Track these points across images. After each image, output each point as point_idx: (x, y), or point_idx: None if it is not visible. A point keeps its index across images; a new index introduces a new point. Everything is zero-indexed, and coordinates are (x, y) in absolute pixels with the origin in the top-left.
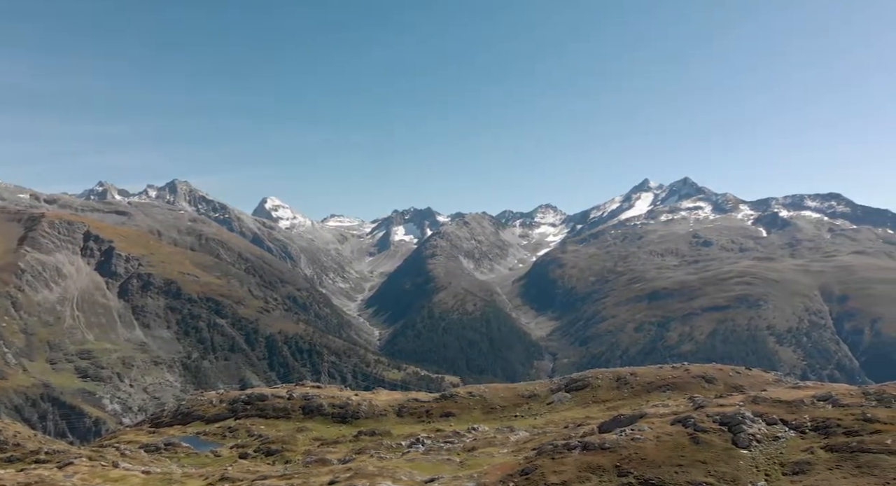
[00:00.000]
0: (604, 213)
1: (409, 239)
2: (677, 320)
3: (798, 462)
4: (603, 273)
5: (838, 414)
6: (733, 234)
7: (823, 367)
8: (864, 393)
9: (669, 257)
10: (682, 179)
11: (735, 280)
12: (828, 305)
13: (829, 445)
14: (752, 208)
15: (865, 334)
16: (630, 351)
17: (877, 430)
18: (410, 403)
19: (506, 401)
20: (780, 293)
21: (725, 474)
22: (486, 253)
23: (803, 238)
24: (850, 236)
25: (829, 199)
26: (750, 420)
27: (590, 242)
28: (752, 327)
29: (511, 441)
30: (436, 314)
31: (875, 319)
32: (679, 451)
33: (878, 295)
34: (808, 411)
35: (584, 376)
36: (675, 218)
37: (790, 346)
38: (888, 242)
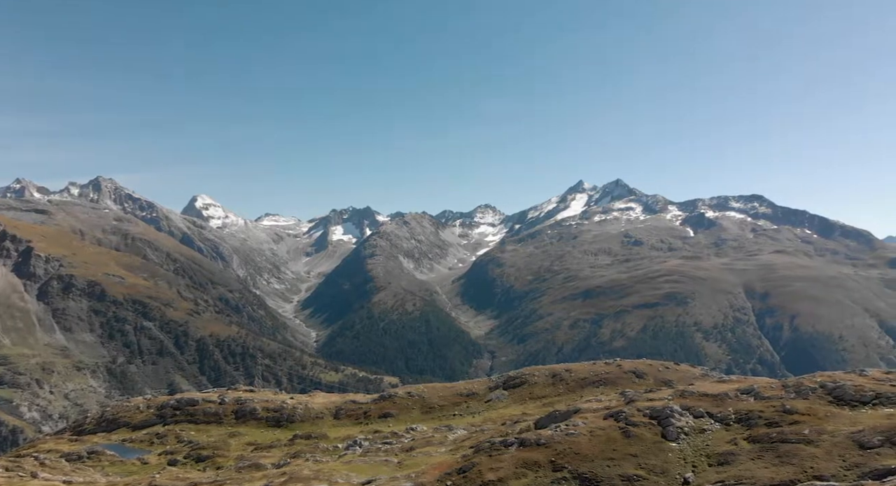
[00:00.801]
0: (541, 213)
1: (348, 239)
2: (610, 317)
3: (723, 454)
4: (540, 272)
5: (760, 406)
6: (662, 234)
7: (747, 361)
8: (783, 386)
9: (603, 257)
10: (614, 180)
11: (664, 279)
12: (750, 301)
13: (751, 436)
14: (680, 209)
15: (785, 330)
16: (565, 348)
17: (795, 421)
18: (348, 405)
19: (445, 400)
20: (706, 291)
21: (655, 466)
22: (426, 253)
23: (728, 238)
24: (772, 236)
25: (752, 200)
26: (678, 414)
27: (528, 241)
28: (680, 324)
29: (449, 440)
30: (375, 315)
31: (794, 315)
32: (611, 445)
33: (797, 292)
34: (732, 404)
35: (522, 374)
36: (608, 218)
37: (716, 341)
38: (806, 241)
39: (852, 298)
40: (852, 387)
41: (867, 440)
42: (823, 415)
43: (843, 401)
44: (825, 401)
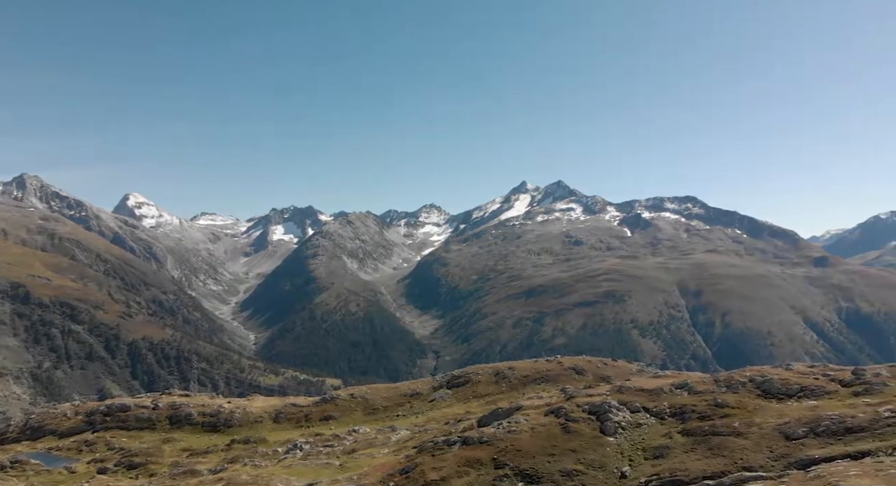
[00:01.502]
0: (485, 213)
1: (289, 239)
2: (551, 316)
3: (658, 447)
4: (485, 272)
5: (693, 401)
6: (601, 234)
7: (681, 357)
8: (715, 381)
9: (545, 256)
10: (556, 181)
11: (603, 277)
12: (684, 299)
13: (685, 429)
14: (618, 210)
15: (717, 326)
16: (509, 346)
17: (726, 414)
18: (288, 408)
19: (388, 401)
20: (642, 289)
21: (594, 461)
22: (370, 253)
23: (663, 238)
24: (704, 236)
25: (686, 201)
26: (616, 409)
27: (472, 241)
28: (617, 321)
29: (392, 441)
30: (317, 316)
31: (725, 312)
32: (552, 441)
33: (728, 290)
34: (667, 398)
35: (466, 373)
36: (550, 219)
37: (651, 338)
38: (736, 241)
39: (779, 295)
40: (779, 381)
41: (793, 432)
42: (752, 408)
43: (771, 394)
44: (754, 394)
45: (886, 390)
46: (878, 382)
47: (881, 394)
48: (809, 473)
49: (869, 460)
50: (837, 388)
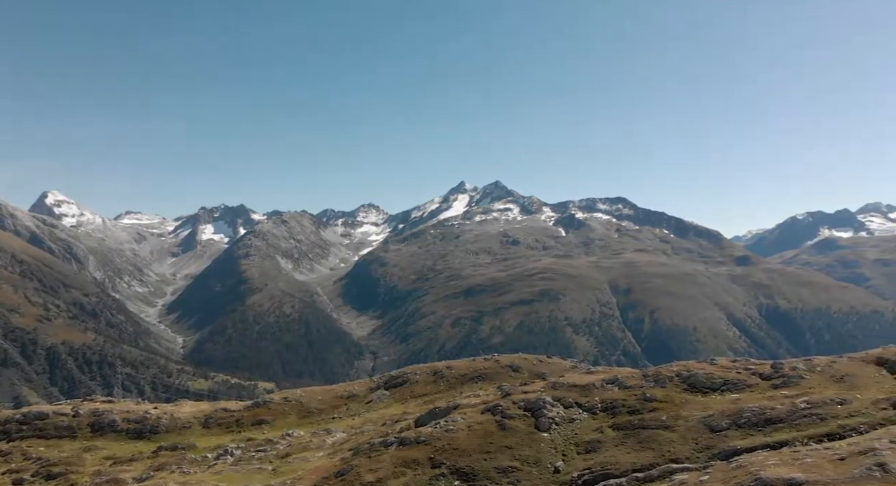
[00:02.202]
0: (424, 213)
1: (220, 238)
2: (489, 314)
3: (590, 441)
4: (423, 271)
5: (623, 395)
6: (537, 234)
7: (612, 353)
8: (644, 376)
9: (483, 256)
10: (493, 182)
11: (539, 276)
12: (615, 297)
13: (615, 424)
14: (553, 210)
15: (646, 323)
16: (447, 346)
17: (654, 408)
18: (218, 413)
19: (324, 404)
20: (576, 288)
21: (529, 457)
22: (305, 253)
23: (596, 237)
24: (634, 236)
25: (617, 202)
26: (550, 405)
27: (411, 241)
28: (552, 319)
29: (328, 444)
30: (249, 318)
31: (653, 309)
32: (488, 438)
33: (656, 288)
34: (598, 393)
35: (404, 373)
36: (488, 219)
37: (584, 335)
38: (664, 241)
39: (704, 292)
40: (704, 375)
41: (716, 424)
42: (679, 402)
43: (696, 388)
44: (681, 388)
45: (803, 382)
46: (795, 375)
47: (798, 386)
48: (732, 463)
49: (787, 449)
50: (758, 381)
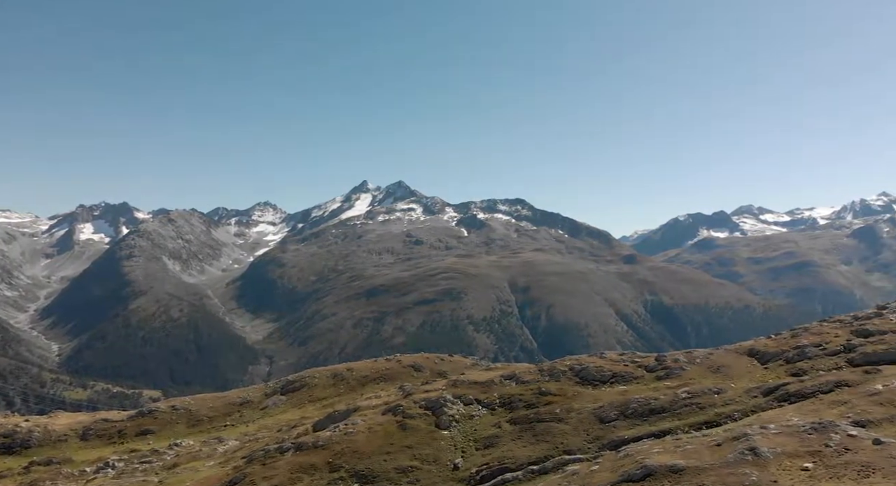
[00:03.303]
0: (325, 212)
1: (100, 238)
2: (392, 315)
3: (489, 437)
4: (324, 272)
5: (520, 390)
6: (440, 233)
7: (510, 349)
8: (539, 370)
9: (386, 256)
10: (397, 182)
11: (441, 276)
12: (514, 295)
13: (513, 418)
14: (455, 211)
15: (542, 319)
16: (349, 347)
17: (549, 401)
18: (99, 424)
19: (215, 411)
20: (477, 286)
21: (428, 455)
22: (195, 253)
23: (496, 238)
24: (532, 236)
25: (516, 203)
26: (450, 402)
27: (311, 241)
28: (454, 318)
29: (219, 452)
30: (133, 323)
31: (549, 306)
32: (389, 439)
33: (552, 286)
34: (497, 389)
35: (302, 377)
36: (391, 218)
37: (485, 332)
38: (559, 241)
39: (595, 290)
40: (594, 368)
41: (606, 415)
42: (572, 394)
43: (588, 381)
44: (573, 382)
45: (684, 374)
46: (676, 367)
47: (679, 378)
48: (620, 453)
49: (669, 437)
50: (644, 373)
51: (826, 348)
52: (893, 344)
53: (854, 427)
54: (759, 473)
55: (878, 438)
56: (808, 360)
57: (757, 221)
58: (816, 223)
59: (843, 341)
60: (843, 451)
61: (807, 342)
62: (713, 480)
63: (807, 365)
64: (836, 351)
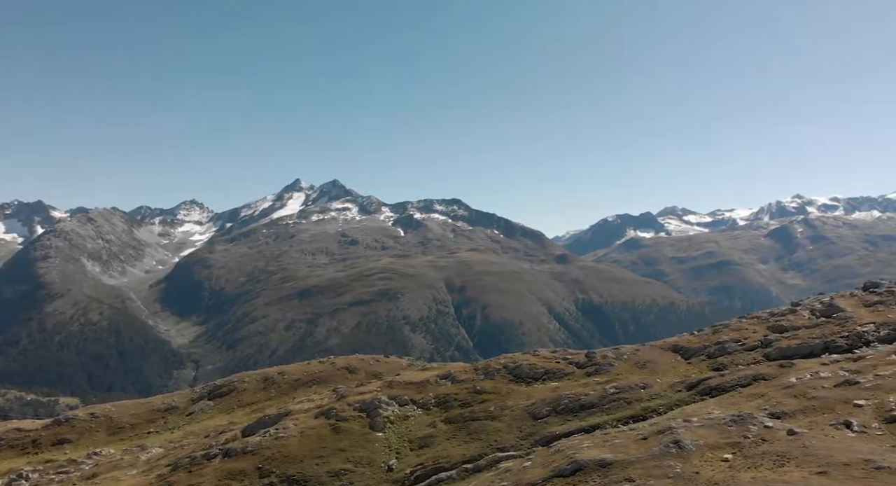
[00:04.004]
0: (255, 211)
1: (12, 238)
2: (326, 316)
3: (424, 437)
4: (254, 273)
5: (456, 389)
6: (376, 233)
7: (446, 349)
8: (475, 369)
9: (320, 256)
10: (331, 181)
11: (378, 276)
12: (451, 295)
13: (448, 418)
14: (392, 211)
15: (478, 319)
16: (280, 350)
17: (484, 400)
18: (10, 433)
19: (138, 418)
20: (414, 286)
21: (362, 458)
22: (116, 254)
23: (433, 237)
24: (468, 236)
25: (452, 204)
26: (385, 404)
27: (241, 241)
28: (391, 318)
29: (142, 461)
30: (48, 327)
31: (485, 305)
32: (321, 443)
33: (487, 285)
34: (433, 389)
35: (230, 381)
36: (326, 218)
37: (421, 332)
38: (494, 241)
39: (529, 289)
40: (528, 366)
41: (538, 412)
42: (506, 392)
43: (521, 379)
44: (508, 380)
45: (612, 369)
46: (605, 363)
47: (608, 374)
48: (551, 448)
49: (599, 432)
50: (574, 370)
51: (745, 343)
52: (806, 339)
53: (770, 419)
54: (683, 465)
55: (792, 428)
56: (728, 355)
57: (681, 222)
58: (736, 224)
59: (760, 336)
60: (760, 442)
61: (727, 338)
62: (639, 473)
63: (727, 360)
64: (753, 346)
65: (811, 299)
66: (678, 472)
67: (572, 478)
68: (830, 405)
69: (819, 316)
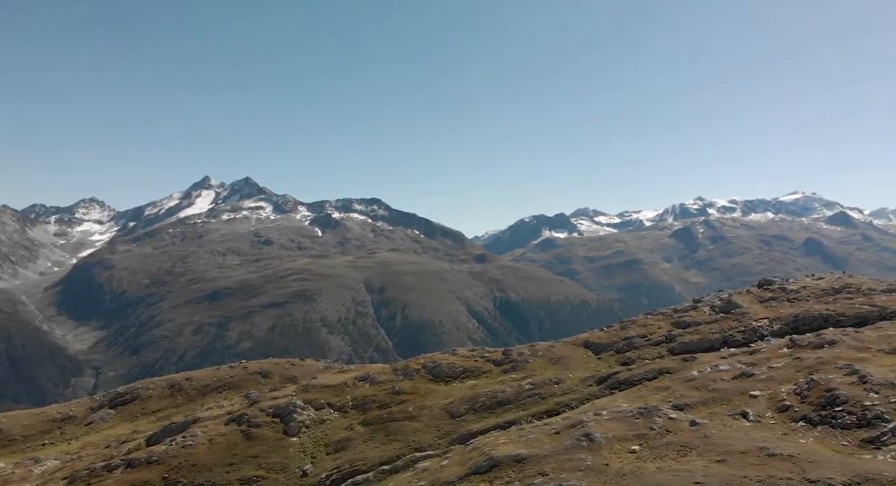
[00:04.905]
0: (161, 210)
1: None
2: (238, 319)
3: (340, 440)
4: (160, 275)
5: (374, 391)
6: (292, 233)
7: (365, 350)
8: (394, 370)
9: (231, 257)
10: (243, 178)
11: (294, 277)
12: (370, 295)
13: (365, 420)
14: (309, 210)
15: (398, 319)
16: (188, 355)
17: (403, 400)
18: None
19: (31, 429)
20: (332, 287)
21: (276, 464)
22: (7, 255)
23: (352, 237)
24: (388, 236)
25: (372, 203)
26: (301, 408)
27: (145, 241)
28: (307, 320)
29: (36, 475)
30: None
31: (405, 305)
32: (232, 450)
33: (407, 285)
34: (350, 391)
35: (134, 388)
36: (238, 217)
37: (339, 334)
38: (415, 241)
39: (449, 288)
40: (447, 365)
41: (456, 410)
42: (425, 392)
43: (440, 378)
44: (427, 379)
45: (528, 366)
46: (521, 360)
47: (524, 370)
48: (468, 446)
49: (514, 428)
50: (492, 368)
51: (651, 338)
52: (706, 334)
53: (674, 411)
54: (593, 457)
55: (695, 419)
56: (635, 350)
57: (592, 223)
58: (643, 225)
59: (665, 332)
60: (665, 433)
61: (634, 334)
62: (552, 467)
63: (634, 355)
64: (659, 341)
65: (711, 296)
66: (589, 465)
67: (488, 475)
68: (729, 397)
69: (718, 312)
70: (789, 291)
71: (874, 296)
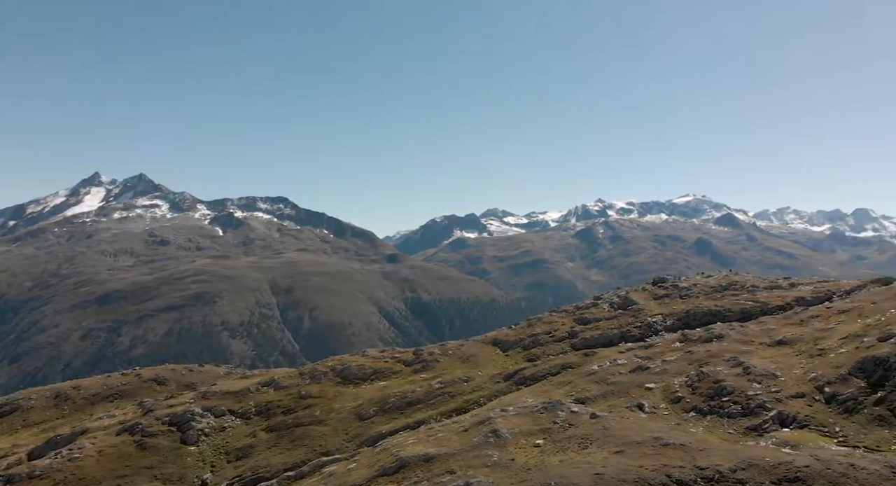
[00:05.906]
0: (45, 208)
1: None
2: (131, 324)
3: (242, 448)
4: (44, 277)
5: (279, 396)
6: (191, 233)
7: (270, 354)
8: (300, 374)
9: (124, 257)
10: (137, 175)
11: (192, 279)
12: (276, 297)
13: (270, 426)
14: (209, 208)
15: (305, 321)
16: (75, 363)
17: (309, 404)
18: None
19: None
20: (234, 289)
21: (172, 474)
22: None
23: (256, 237)
24: (296, 236)
25: (278, 202)
26: (199, 416)
27: (27, 241)
28: (207, 324)
29: None
30: None
31: (313, 307)
32: (124, 461)
33: (316, 286)
34: (253, 397)
35: (14, 399)
36: (131, 216)
37: (242, 338)
38: (324, 241)
39: (359, 289)
40: (356, 367)
41: (365, 412)
42: (333, 395)
43: (349, 380)
44: (335, 382)
45: (438, 365)
46: (432, 359)
47: (434, 369)
48: (377, 448)
49: (423, 428)
50: (402, 368)
51: (555, 335)
52: (606, 330)
53: (576, 405)
54: (500, 453)
55: (595, 412)
56: (541, 346)
57: (501, 223)
58: (548, 225)
59: (568, 328)
60: (567, 426)
61: (540, 331)
62: (460, 464)
63: (540, 351)
64: (562, 337)
65: (610, 293)
66: (496, 460)
67: (397, 475)
68: (626, 390)
69: (617, 308)
70: (681, 288)
71: (757, 293)
